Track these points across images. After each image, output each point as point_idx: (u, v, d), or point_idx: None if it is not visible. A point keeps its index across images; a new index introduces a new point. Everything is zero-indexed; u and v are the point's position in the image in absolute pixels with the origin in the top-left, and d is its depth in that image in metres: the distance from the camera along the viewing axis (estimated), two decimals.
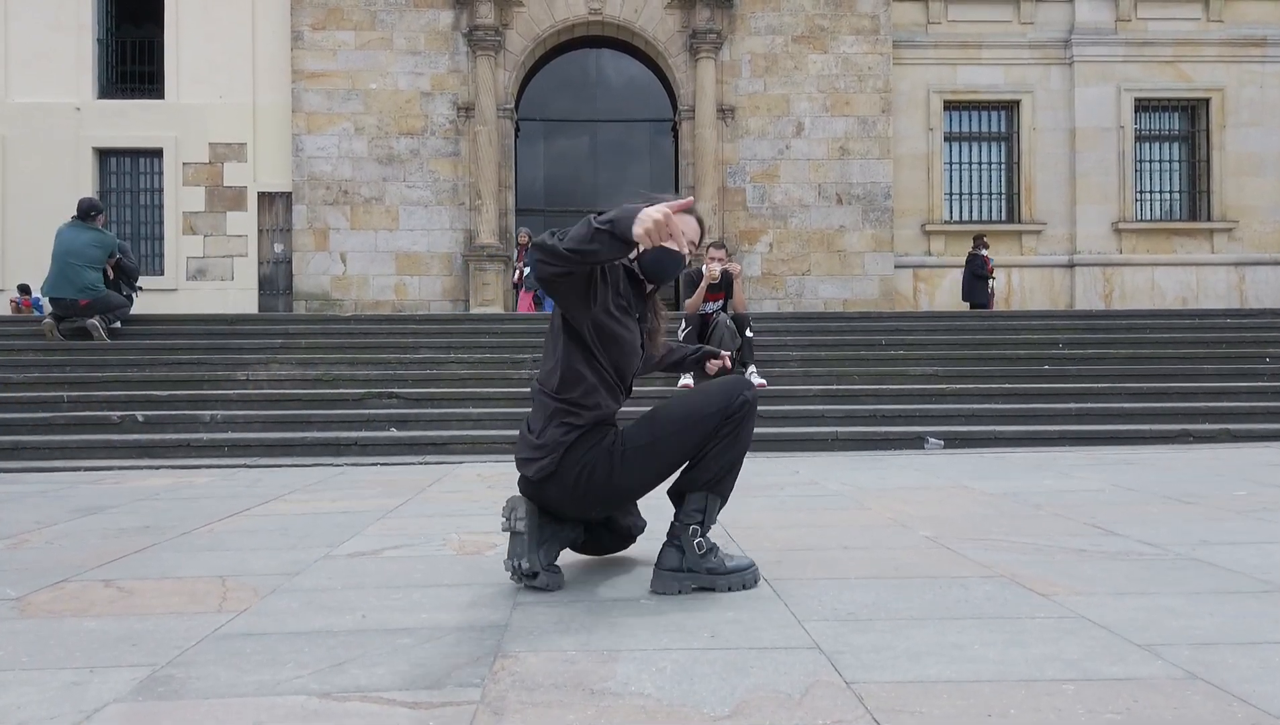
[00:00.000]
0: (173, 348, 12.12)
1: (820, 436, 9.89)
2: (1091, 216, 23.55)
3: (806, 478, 7.37)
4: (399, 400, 10.56)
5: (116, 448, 9.44)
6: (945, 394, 10.93)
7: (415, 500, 6.43)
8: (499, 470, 8.19)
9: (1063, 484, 6.80)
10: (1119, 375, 11.56)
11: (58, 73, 22.55)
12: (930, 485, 6.84)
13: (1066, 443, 9.82)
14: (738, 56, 22.94)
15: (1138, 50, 23.67)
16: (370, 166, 22.46)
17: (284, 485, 7.32)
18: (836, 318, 13.66)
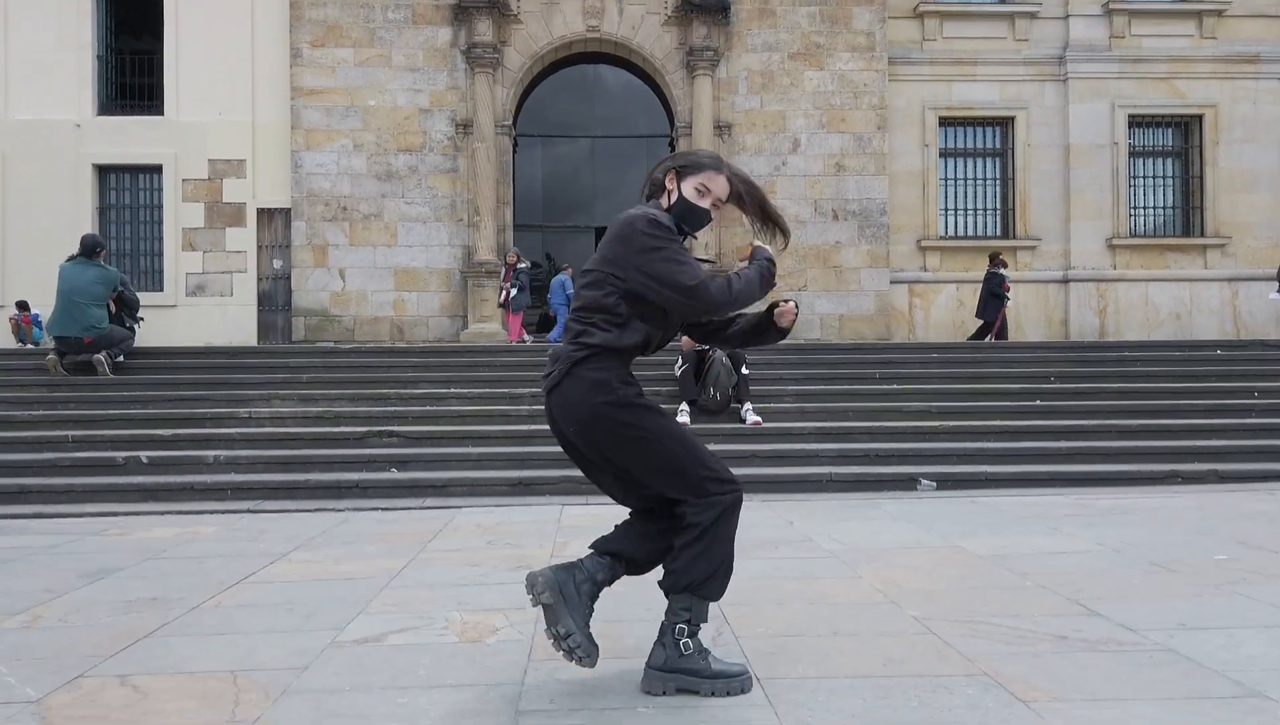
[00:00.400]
0: (175, 383, 12.26)
1: (815, 478, 10.05)
2: (1086, 232, 23.71)
3: (800, 532, 7.51)
4: (399, 439, 10.72)
5: (122, 491, 9.59)
6: (939, 432, 11.10)
7: (416, 562, 6.57)
8: (498, 519, 8.34)
9: (1051, 543, 6.95)
10: (1109, 411, 11.72)
11: (58, 89, 22.68)
12: (922, 544, 6.99)
13: (1057, 484, 9.98)
14: (734, 73, 23.09)
15: (1131, 67, 23.84)
16: (369, 183, 22.61)
17: (288, 539, 7.46)
18: (832, 349, 13.83)
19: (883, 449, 10.71)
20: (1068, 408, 11.84)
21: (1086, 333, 23.36)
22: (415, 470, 10.17)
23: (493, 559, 6.63)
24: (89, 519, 8.72)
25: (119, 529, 8.13)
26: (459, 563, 6.55)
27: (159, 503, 9.43)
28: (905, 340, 23.13)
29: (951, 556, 6.56)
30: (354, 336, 22.14)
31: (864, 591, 5.56)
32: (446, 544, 7.26)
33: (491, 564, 6.47)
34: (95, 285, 12.23)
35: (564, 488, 9.62)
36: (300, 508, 9.21)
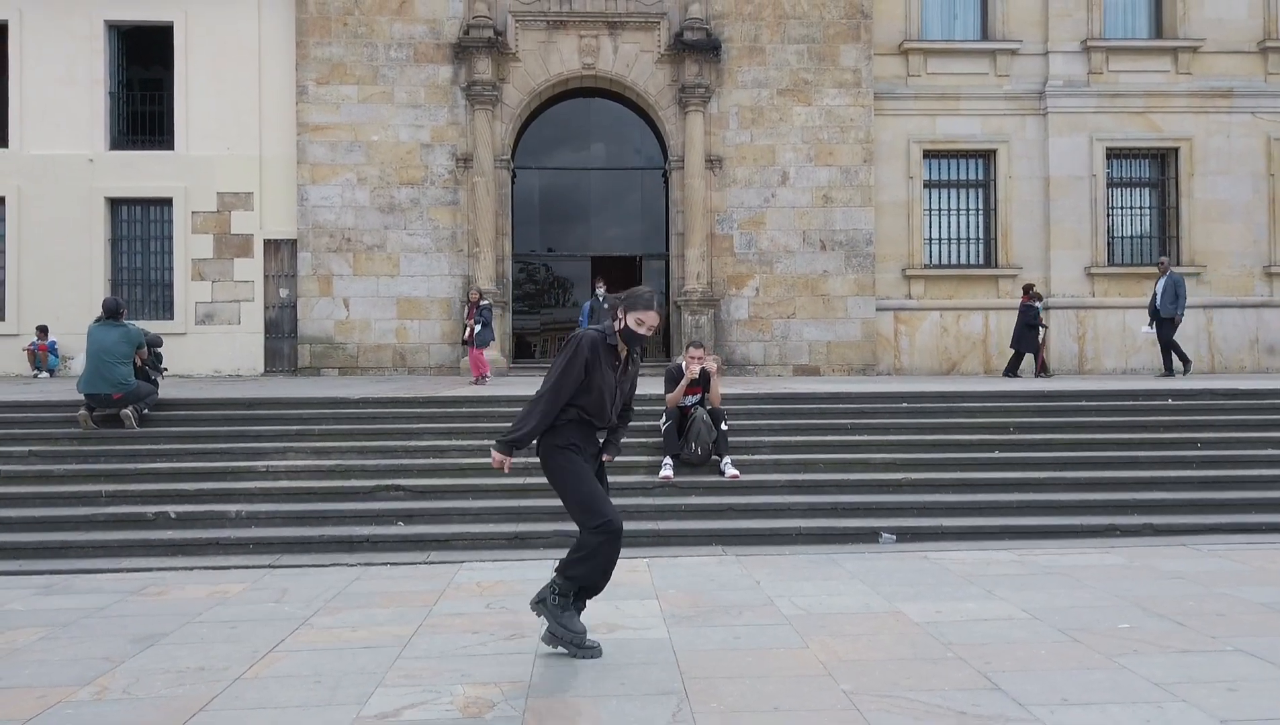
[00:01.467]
0: (195, 436, 13.21)
1: (786, 531, 11.03)
2: (1065, 261, 24.67)
3: (764, 594, 8.49)
4: (405, 492, 11.71)
5: (153, 546, 10.56)
6: (901, 485, 12.06)
7: (424, 628, 7.55)
8: (497, 578, 9.32)
9: (981, 608, 7.92)
10: (1059, 463, 12.64)
11: (71, 125, 23.68)
12: (869, 609, 7.96)
13: (1007, 537, 10.92)
14: (725, 109, 24.06)
15: (1109, 101, 24.87)
16: (372, 215, 23.62)
17: (307, 601, 8.45)
18: (809, 399, 14.73)
19: (849, 502, 11.65)
20: (1021, 459, 12.72)
21: (1065, 358, 24.35)
22: (420, 524, 11.14)
23: (491, 625, 7.61)
24: (126, 576, 9.68)
25: (156, 588, 9.11)
26: (461, 629, 7.53)
27: (187, 557, 10.41)
28: (891, 366, 24.17)
29: (891, 623, 7.53)
30: (357, 363, 23.14)
31: (808, 664, 6.53)
32: (450, 607, 8.24)
33: (489, 630, 7.45)
34: (121, 344, 13.22)
35: (555, 541, 10.60)
36: (316, 562, 10.19)
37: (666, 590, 8.71)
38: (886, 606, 8.03)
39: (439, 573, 9.64)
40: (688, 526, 11.19)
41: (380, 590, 8.90)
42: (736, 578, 9.26)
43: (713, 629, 7.45)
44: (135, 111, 24.69)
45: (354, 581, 9.27)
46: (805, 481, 12.18)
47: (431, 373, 23.26)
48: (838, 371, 23.87)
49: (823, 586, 8.80)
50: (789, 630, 7.38)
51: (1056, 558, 9.93)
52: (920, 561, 9.85)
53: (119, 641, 7.29)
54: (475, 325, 19.29)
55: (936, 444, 13.23)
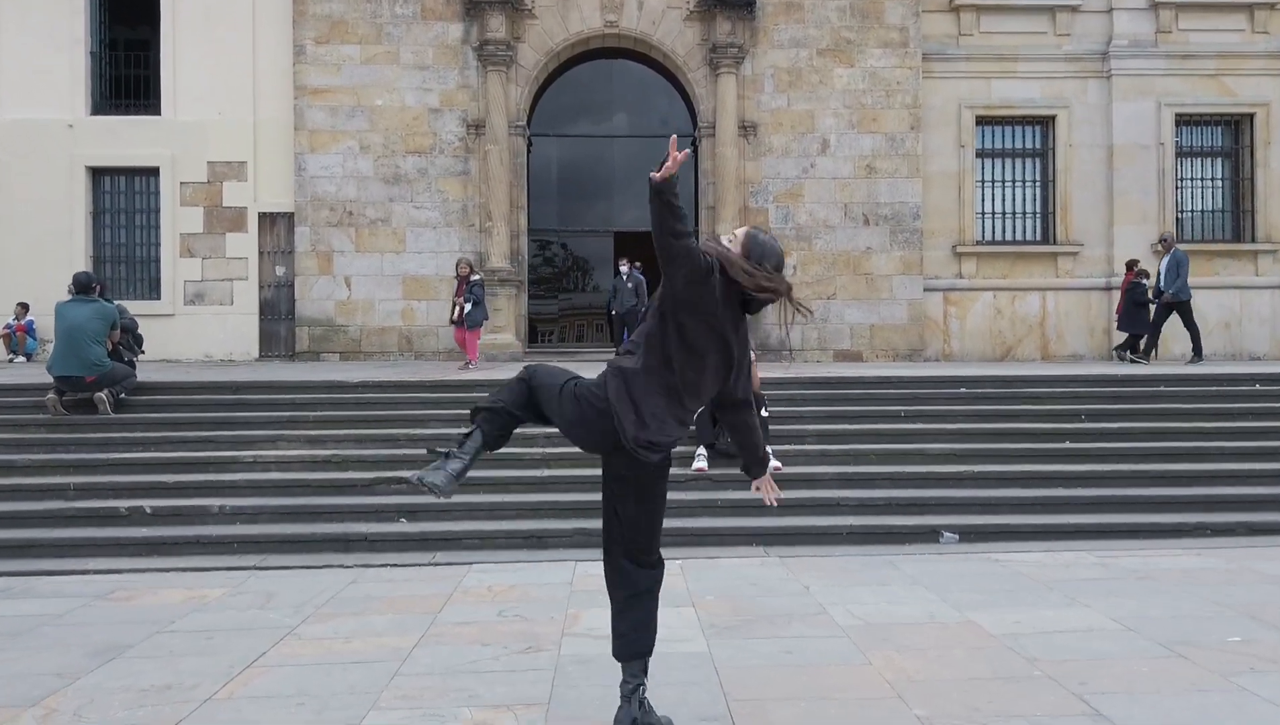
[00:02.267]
0: (177, 422, 12.69)
1: (835, 530, 10.45)
2: (1130, 237, 23.93)
3: (815, 601, 7.92)
4: (408, 486, 11.15)
5: (125, 545, 10.03)
6: (963, 478, 11.47)
7: (427, 638, 7.00)
8: (510, 580, 8.77)
9: (1065, 618, 7.33)
10: (1139, 454, 12.04)
11: (50, 88, 23.13)
12: (936, 619, 7.38)
13: (1083, 537, 10.36)
14: (760, 70, 23.43)
15: (1179, 63, 24.08)
16: (376, 186, 23.05)
17: (296, 607, 7.91)
18: (856, 383, 14.16)
19: (905, 497, 11.09)
20: (1096, 451, 12.14)
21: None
22: (425, 521, 10.60)
23: (503, 636, 7.05)
24: (93, 578, 9.17)
25: (125, 591, 8.59)
26: (469, 639, 6.98)
27: (164, 557, 9.88)
28: (939, 351, 23.54)
29: (964, 635, 6.95)
30: (360, 348, 22.62)
31: (872, 683, 5.96)
32: (457, 614, 7.69)
33: (502, 642, 6.90)
34: (93, 322, 12.68)
35: (578, 540, 10.04)
36: (307, 563, 9.66)
37: (704, 596, 8.17)
38: (956, 616, 7.48)
39: (445, 575, 9.12)
40: (725, 524, 10.60)
41: (378, 595, 8.38)
42: (781, 582, 8.72)
43: (759, 641, 6.91)
44: (119, 74, 24.11)
45: (349, 585, 8.75)
46: (855, 474, 11.59)
47: (440, 357, 22.68)
48: (882, 357, 23.24)
49: (881, 592, 8.25)
50: (846, 643, 6.84)
51: (1143, 560, 9.37)
52: (988, 564, 9.29)
53: (76, 654, 6.78)
54: (465, 303, 18.54)
55: (1000, 433, 12.63)
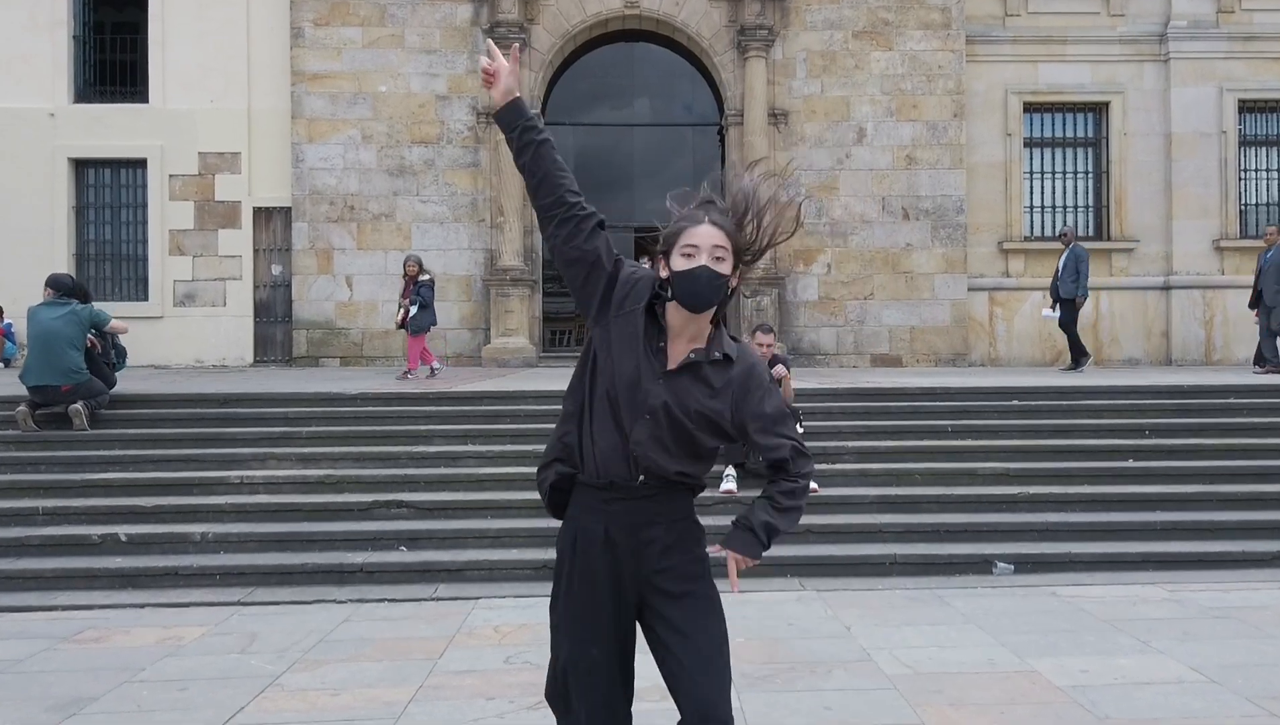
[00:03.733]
0: (158, 439, 12.29)
1: (877, 559, 10.01)
2: (1190, 233, 23.55)
3: (857, 645, 7.50)
4: (410, 510, 10.75)
5: (97, 577, 9.62)
6: (1017, 501, 11.02)
7: (425, 689, 6.60)
8: (519, 619, 8.37)
9: (1139, 666, 6.91)
10: (1211, 474, 11.56)
11: (30, 75, 22.87)
12: (995, 666, 6.97)
13: (1151, 567, 9.90)
14: (792, 54, 23.07)
15: (1242, 46, 23.73)
16: (379, 179, 22.77)
17: (280, 651, 7.52)
18: (898, 395, 13.70)
19: (954, 523, 10.61)
20: (1163, 470, 11.65)
21: (1190, 347, 23.22)
22: (427, 549, 10.18)
23: (510, 687, 6.66)
24: (60, 615, 8.80)
25: (95, 631, 8.21)
26: (471, 692, 6.58)
27: (139, 590, 9.47)
28: (985, 355, 23.12)
29: (1026, 688, 6.54)
30: (362, 352, 22.30)
31: None
32: (459, 660, 7.29)
33: (508, 695, 6.50)
34: (68, 327, 12.30)
35: None
36: (297, 598, 9.25)
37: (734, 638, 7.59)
38: (1016, 663, 7.07)
39: (448, 612, 8.72)
40: None
41: (373, 636, 7.98)
42: (820, 620, 8.30)
43: (796, 695, 6.52)
44: (104, 59, 23.76)
45: (342, 623, 8.36)
46: (899, 497, 11.15)
47: (449, 362, 22.27)
48: (923, 361, 22.82)
49: (930, 634, 7.83)
50: (894, 697, 6.44)
51: (1219, 595, 8.95)
52: (1048, 599, 8.88)
53: (33, 709, 6.40)
54: (411, 306, 17.82)
55: (1057, 451, 12.17)
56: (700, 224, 3.64)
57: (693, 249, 3.60)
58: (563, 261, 3.71)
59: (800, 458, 3.76)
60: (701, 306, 3.61)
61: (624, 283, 3.69)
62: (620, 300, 3.67)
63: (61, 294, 12.79)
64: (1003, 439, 12.45)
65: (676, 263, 3.61)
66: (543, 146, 3.69)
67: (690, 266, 3.58)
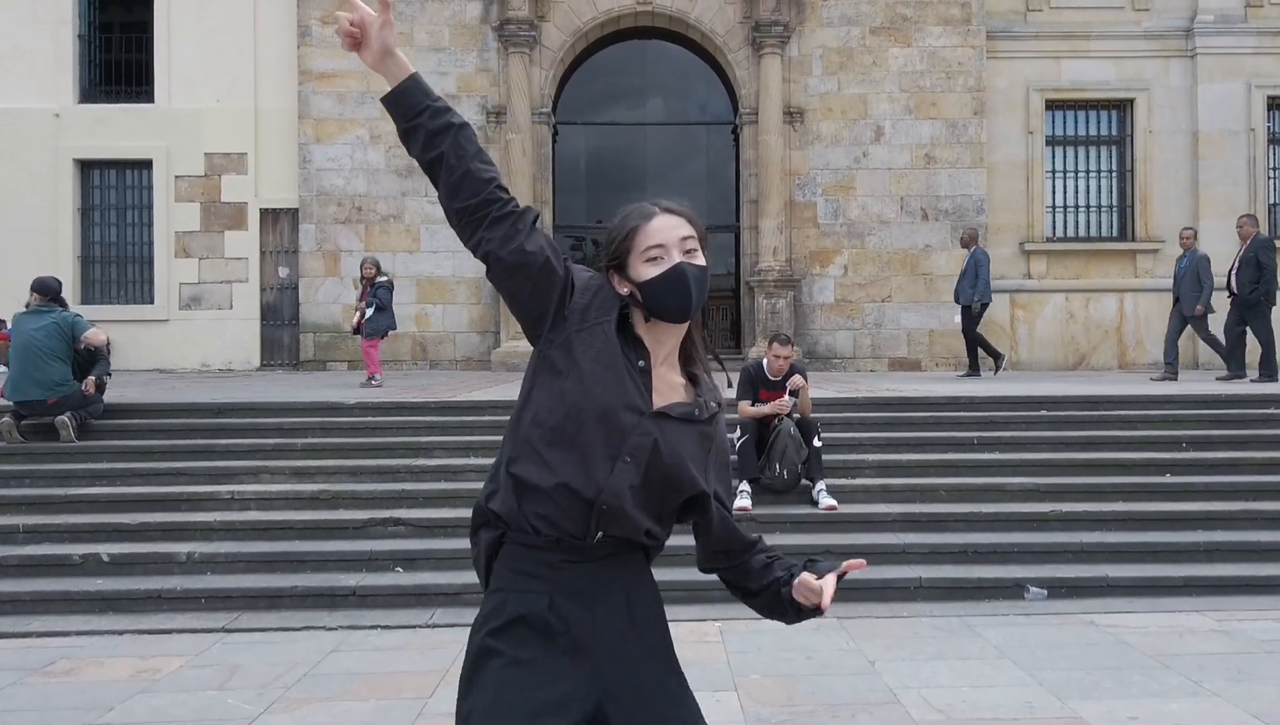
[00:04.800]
0: (148, 451, 11.75)
1: (901, 583, 9.39)
2: (1217, 233, 22.88)
3: (883, 684, 6.93)
4: (406, 528, 10.18)
5: (76, 600, 9.05)
6: (1049, 520, 10.39)
7: None
8: None
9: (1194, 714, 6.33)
10: (1253, 490, 10.92)
11: (34, 74, 22.63)
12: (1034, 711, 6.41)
13: (1195, 592, 9.29)
14: (807, 51, 22.69)
15: (1271, 41, 23.36)
16: (388, 180, 22.49)
17: (260, 688, 6.97)
18: (920, 404, 13.11)
19: (982, 543, 9.98)
20: (1203, 486, 11.00)
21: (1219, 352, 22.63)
22: (424, 570, 9.59)
23: None
24: (34, 642, 8.27)
25: (68, 662, 7.68)
26: None
27: (119, 615, 8.91)
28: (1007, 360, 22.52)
29: None
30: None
31: None
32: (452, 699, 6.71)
33: None
34: (51, 338, 11.73)
35: None
36: (284, 624, 8.69)
37: (748, 674, 7.19)
38: (1056, 707, 6.50)
39: (443, 641, 8.17)
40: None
41: (362, 670, 7.44)
42: (842, 653, 7.72)
43: None
44: (109, 58, 23.44)
45: (329, 654, 7.81)
46: (923, 515, 10.53)
47: (458, 366, 22.04)
48: (942, 365, 22.28)
49: (961, 670, 7.25)
50: None
51: (1271, 625, 8.41)
52: (1086, 629, 8.29)
53: None
54: (367, 308, 17.17)
55: (1090, 465, 11.54)
56: (653, 218, 2.97)
57: (659, 249, 2.92)
58: (502, 270, 2.85)
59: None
60: (689, 313, 2.94)
61: (584, 289, 2.93)
62: (583, 309, 2.89)
63: (49, 299, 12.26)
64: (1031, 452, 11.85)
65: (643, 272, 2.91)
66: (462, 132, 2.90)
67: (665, 269, 2.90)
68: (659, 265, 2.89)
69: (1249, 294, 16.44)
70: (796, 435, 10.60)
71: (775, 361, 10.76)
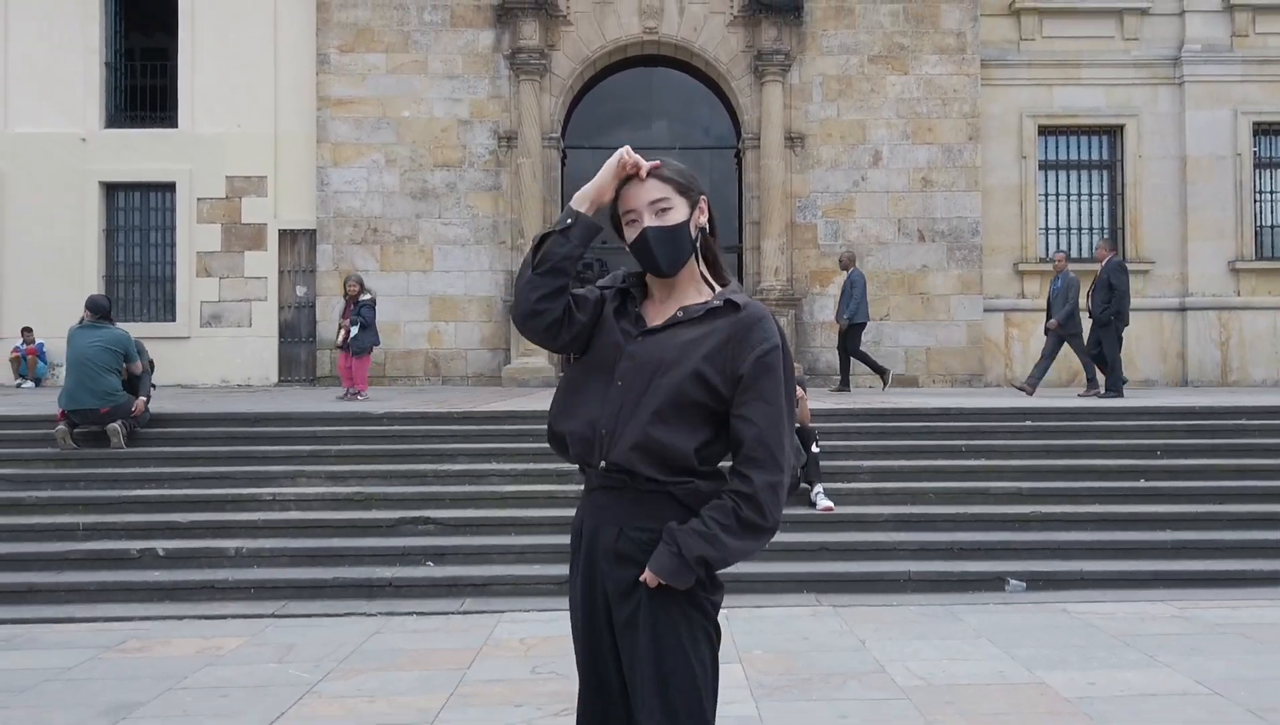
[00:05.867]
0: (192, 457, 12.63)
1: (892, 576, 10.28)
2: (1205, 254, 23.73)
3: (872, 658, 7.78)
4: (436, 526, 11.05)
5: (136, 590, 9.94)
6: (1030, 520, 11.28)
7: (455, 698, 6.90)
8: (543, 634, 8.65)
9: (1145, 680, 7.17)
10: (1220, 494, 11.81)
11: (63, 100, 23.29)
12: (1005, 678, 7.24)
13: (1161, 584, 10.15)
14: (808, 79, 23.36)
15: (1257, 69, 23.91)
16: (402, 202, 23.09)
17: (316, 661, 7.82)
18: (913, 415, 13.98)
19: (968, 541, 10.87)
20: (1174, 490, 11.91)
21: (1206, 368, 23.38)
22: (453, 564, 10.48)
23: (536, 696, 6.95)
24: (102, 626, 9.12)
25: (137, 641, 8.52)
26: (500, 700, 6.87)
27: (177, 603, 9.80)
28: (1001, 376, 23.30)
29: (1035, 699, 6.81)
30: (385, 372, 22.56)
31: None
32: (487, 670, 7.58)
33: (535, 703, 6.79)
34: (104, 353, 12.65)
35: None
36: (328, 611, 9.57)
37: (752, 651, 8.03)
38: (1026, 676, 7.34)
39: (475, 625, 9.03)
40: (774, 570, 10.41)
41: (404, 648, 8.29)
42: (836, 635, 8.58)
43: (813, 703, 6.80)
44: (135, 84, 24.24)
45: (373, 635, 8.67)
46: (913, 515, 11.42)
47: (469, 382, 22.69)
48: (939, 382, 23.03)
49: (943, 648, 8.10)
50: (907, 706, 6.72)
51: (1228, 612, 9.21)
52: (1059, 616, 9.14)
53: (83, 713, 6.72)
54: (352, 326, 17.67)
55: (1069, 471, 12.43)
56: (629, 184, 3.45)
57: (633, 214, 3.42)
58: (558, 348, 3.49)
59: (761, 468, 3.18)
60: (668, 269, 3.40)
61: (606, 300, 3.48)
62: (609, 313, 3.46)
63: (99, 317, 13.14)
64: (1016, 459, 12.71)
65: (628, 235, 3.42)
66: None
67: (635, 234, 3.40)
68: (634, 229, 3.40)
69: (1100, 313, 17.28)
70: (795, 443, 11.48)
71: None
